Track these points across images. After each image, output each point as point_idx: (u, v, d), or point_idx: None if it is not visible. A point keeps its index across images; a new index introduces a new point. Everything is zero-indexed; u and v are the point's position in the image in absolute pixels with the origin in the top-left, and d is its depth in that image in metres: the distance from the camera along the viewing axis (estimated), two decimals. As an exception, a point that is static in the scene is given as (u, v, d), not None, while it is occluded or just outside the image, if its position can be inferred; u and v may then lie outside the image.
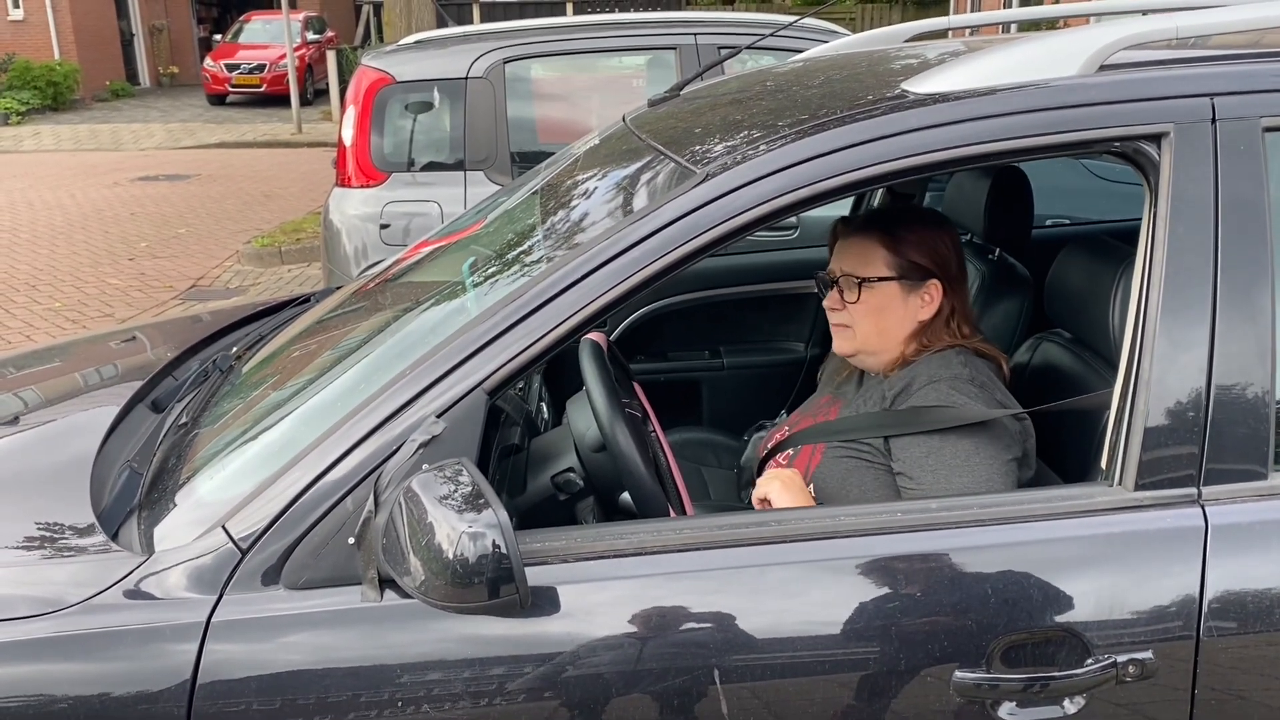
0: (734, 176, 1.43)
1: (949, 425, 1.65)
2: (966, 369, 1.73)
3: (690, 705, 1.35)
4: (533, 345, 1.40)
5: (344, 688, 1.32)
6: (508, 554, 1.24)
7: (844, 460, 1.76)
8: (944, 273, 1.80)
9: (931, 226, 1.84)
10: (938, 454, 1.65)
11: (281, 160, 12.98)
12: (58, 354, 2.55)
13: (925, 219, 1.89)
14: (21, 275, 7.49)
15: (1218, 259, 1.40)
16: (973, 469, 1.63)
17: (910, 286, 1.79)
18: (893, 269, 1.79)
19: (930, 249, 1.80)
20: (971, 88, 1.48)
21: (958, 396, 1.68)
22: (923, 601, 1.37)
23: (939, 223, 1.88)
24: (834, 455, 1.77)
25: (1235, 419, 1.40)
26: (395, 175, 4.51)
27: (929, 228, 1.83)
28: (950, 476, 1.63)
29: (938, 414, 1.67)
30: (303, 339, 2.09)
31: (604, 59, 5.10)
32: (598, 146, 2.18)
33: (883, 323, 1.80)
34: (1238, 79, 1.46)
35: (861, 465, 1.74)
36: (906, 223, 1.84)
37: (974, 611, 1.36)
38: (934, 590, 1.38)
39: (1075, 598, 1.37)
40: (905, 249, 1.79)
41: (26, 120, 16.71)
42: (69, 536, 1.53)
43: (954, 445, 1.65)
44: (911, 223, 1.85)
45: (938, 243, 1.81)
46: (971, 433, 1.64)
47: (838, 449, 1.78)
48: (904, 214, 1.95)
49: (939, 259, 1.80)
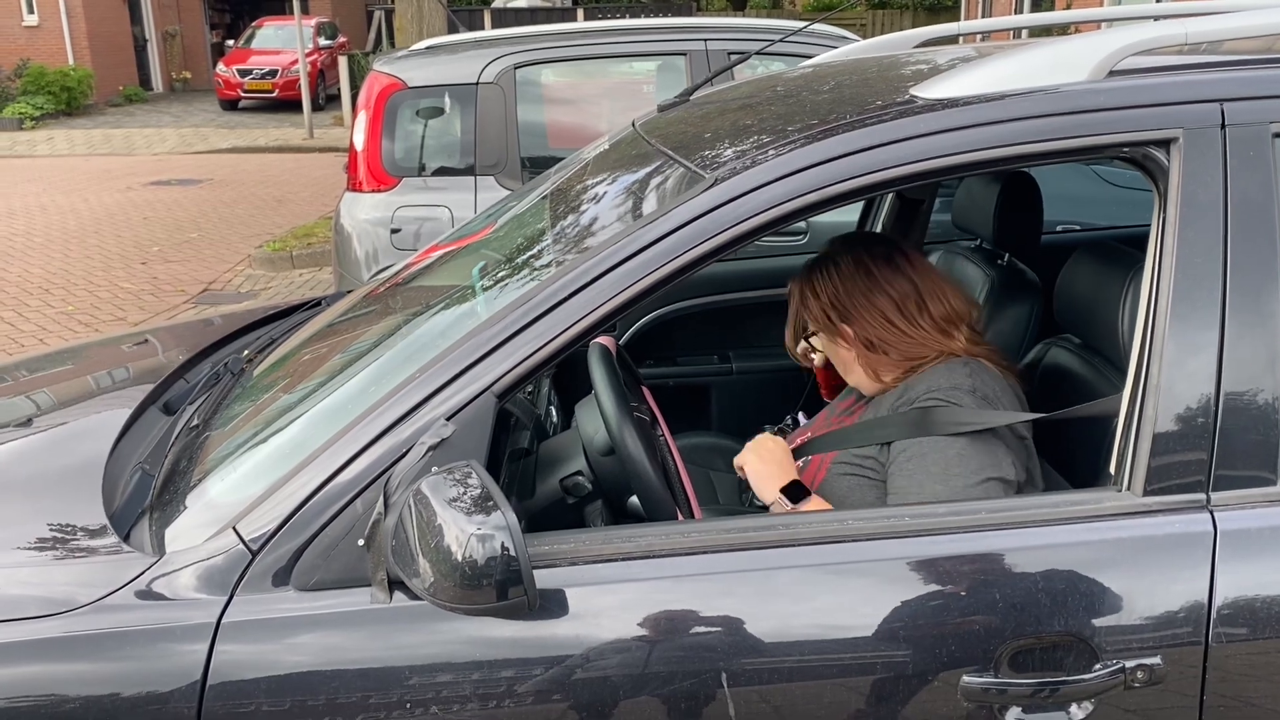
0: (743, 181, 1.44)
1: (950, 431, 1.64)
2: (970, 379, 1.71)
3: (698, 708, 1.35)
4: (542, 349, 1.40)
5: (353, 689, 1.33)
6: (516, 556, 1.24)
7: (846, 478, 1.75)
8: (845, 312, 1.81)
9: (832, 271, 1.83)
10: (919, 459, 1.65)
11: (293, 165, 13.03)
12: (71, 357, 2.57)
13: (826, 265, 1.86)
14: (35, 279, 7.53)
15: (1227, 264, 1.40)
16: (949, 479, 1.61)
17: (830, 334, 1.86)
18: (813, 323, 1.89)
19: (826, 295, 1.83)
20: (981, 93, 1.48)
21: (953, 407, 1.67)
22: (931, 606, 1.37)
23: (843, 262, 1.84)
24: (837, 473, 1.77)
25: (1245, 424, 1.39)
26: (406, 180, 4.53)
27: (828, 275, 1.83)
28: (925, 482, 1.62)
29: (939, 417, 1.67)
30: (313, 342, 2.10)
31: (614, 64, 5.12)
32: (608, 151, 2.19)
33: (840, 363, 1.89)
34: (1248, 84, 1.46)
35: (864, 483, 1.73)
36: (808, 275, 1.87)
37: (982, 616, 1.36)
38: (942, 594, 1.37)
39: (1084, 603, 1.36)
40: (807, 304, 1.87)
41: (40, 125, 16.81)
42: (81, 537, 1.54)
43: (939, 453, 1.63)
44: (811, 274, 1.87)
45: (838, 287, 1.82)
46: (957, 444, 1.63)
47: (842, 466, 1.77)
48: (812, 267, 1.89)
49: (839, 301, 1.81)
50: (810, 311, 1.87)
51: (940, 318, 1.79)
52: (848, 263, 1.84)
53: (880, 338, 1.79)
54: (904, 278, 1.81)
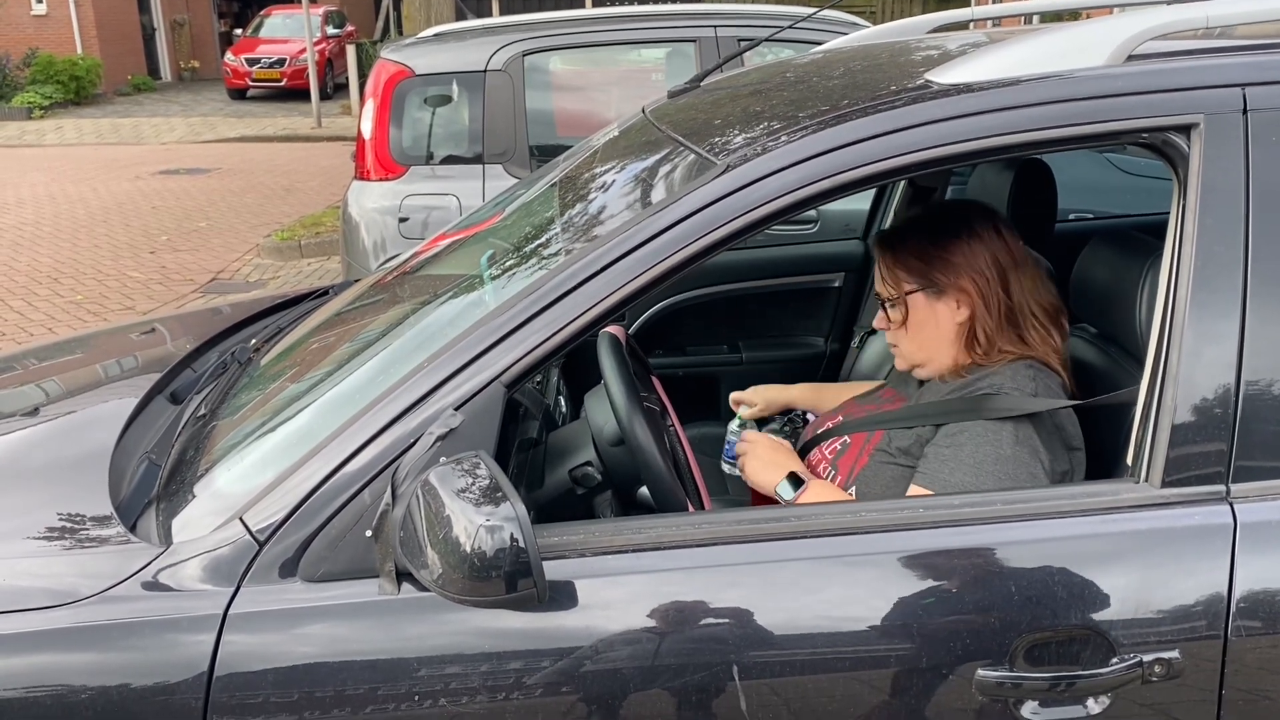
0: (755, 168, 1.42)
1: (999, 415, 1.60)
2: (1033, 384, 1.66)
3: (708, 701, 1.34)
4: (551, 338, 1.39)
5: (361, 680, 1.32)
6: (525, 547, 1.23)
7: (889, 468, 1.71)
8: (973, 275, 1.73)
9: (957, 230, 1.76)
10: (956, 446, 1.62)
11: (301, 154, 13.03)
12: (79, 346, 2.56)
13: (950, 222, 1.79)
14: (44, 268, 7.55)
15: (1248, 252, 1.38)
16: (979, 473, 1.58)
17: (935, 294, 1.75)
18: (913, 280, 1.76)
19: (953, 253, 1.74)
20: (996, 78, 1.46)
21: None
22: (945, 598, 1.35)
23: (968, 224, 1.78)
24: (880, 461, 1.72)
25: (1265, 415, 1.37)
26: (414, 168, 4.52)
27: (952, 234, 1.76)
28: (954, 470, 1.59)
29: (993, 404, 1.63)
30: (321, 332, 2.09)
31: (623, 51, 5.10)
32: (617, 138, 2.17)
33: (920, 336, 1.78)
34: (1270, 69, 1.43)
35: (906, 474, 1.68)
36: (929, 230, 1.80)
37: (997, 609, 1.35)
38: (957, 587, 1.36)
39: (1100, 596, 1.35)
40: (924, 258, 1.75)
41: (49, 114, 16.84)
42: (88, 527, 1.54)
43: (974, 445, 1.60)
44: (933, 229, 1.79)
45: (965, 246, 1.74)
46: (998, 443, 1.59)
47: (883, 455, 1.72)
48: (927, 221, 1.84)
49: (965, 262, 1.73)
50: (922, 267, 1.75)
51: (1050, 307, 1.76)
52: (983, 228, 1.76)
53: (985, 319, 1.72)
54: (1033, 268, 1.77)
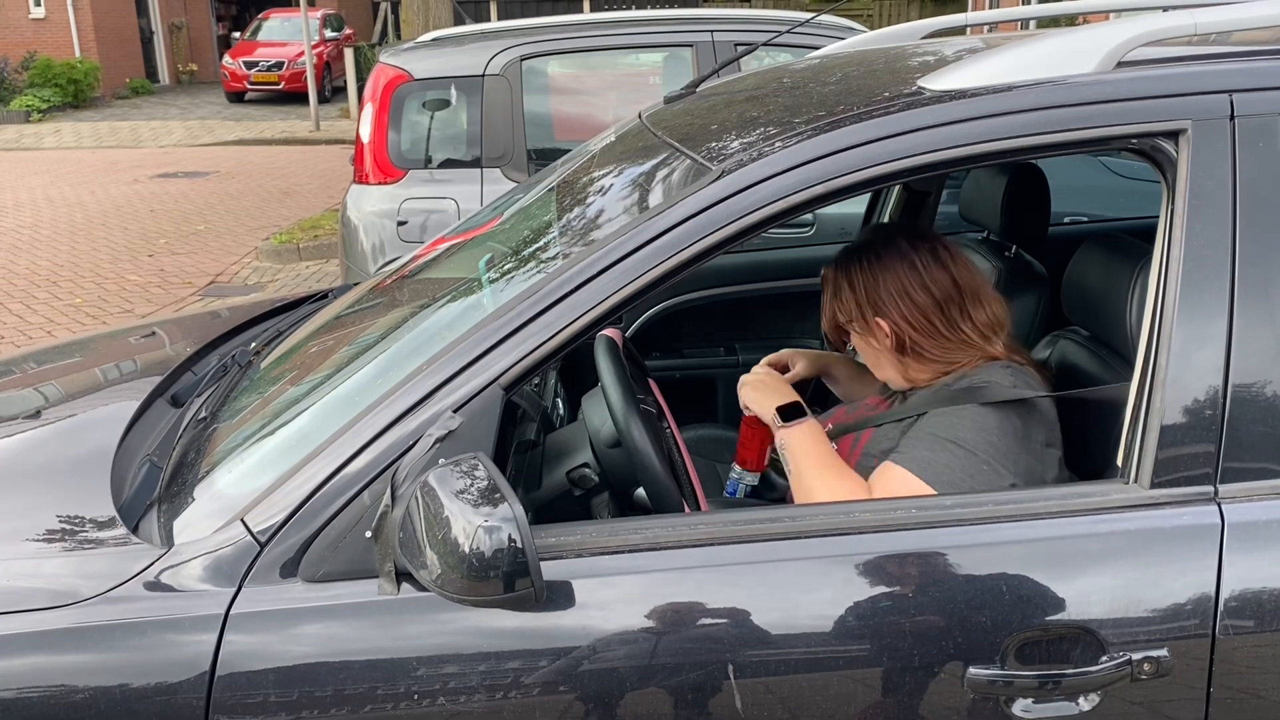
0: (750, 173, 1.44)
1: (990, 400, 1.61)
2: (1012, 379, 1.67)
3: (704, 700, 1.36)
4: (549, 341, 1.40)
5: (361, 680, 1.33)
6: (523, 548, 1.24)
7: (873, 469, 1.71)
8: (883, 306, 1.72)
9: (873, 261, 1.75)
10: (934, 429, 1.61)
11: (299, 157, 13.04)
12: (78, 349, 2.58)
13: (866, 254, 1.77)
14: (43, 271, 7.56)
15: (1235, 256, 1.39)
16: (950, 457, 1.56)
17: (862, 327, 1.78)
18: (839, 315, 1.81)
19: (862, 286, 1.75)
20: (989, 84, 1.47)
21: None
22: (937, 598, 1.37)
23: (885, 252, 1.75)
24: (867, 465, 1.72)
25: (1253, 416, 1.39)
26: (413, 172, 4.53)
27: (867, 266, 1.75)
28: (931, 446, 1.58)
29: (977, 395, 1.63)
30: (320, 335, 2.11)
31: (620, 56, 5.11)
32: (614, 143, 2.18)
33: (872, 359, 1.83)
34: (1257, 75, 1.45)
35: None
36: (844, 264, 1.79)
37: (989, 608, 1.36)
38: (949, 587, 1.37)
39: (1090, 595, 1.36)
40: (840, 294, 1.79)
41: (48, 117, 16.85)
42: (90, 529, 1.55)
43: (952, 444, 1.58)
44: (849, 262, 1.79)
45: (876, 279, 1.73)
46: (975, 444, 1.58)
47: (871, 459, 1.72)
48: (849, 255, 1.81)
49: (876, 295, 1.73)
50: (842, 303, 1.79)
51: (983, 324, 1.72)
52: (890, 254, 1.74)
53: (914, 340, 1.71)
54: (948, 276, 1.72)
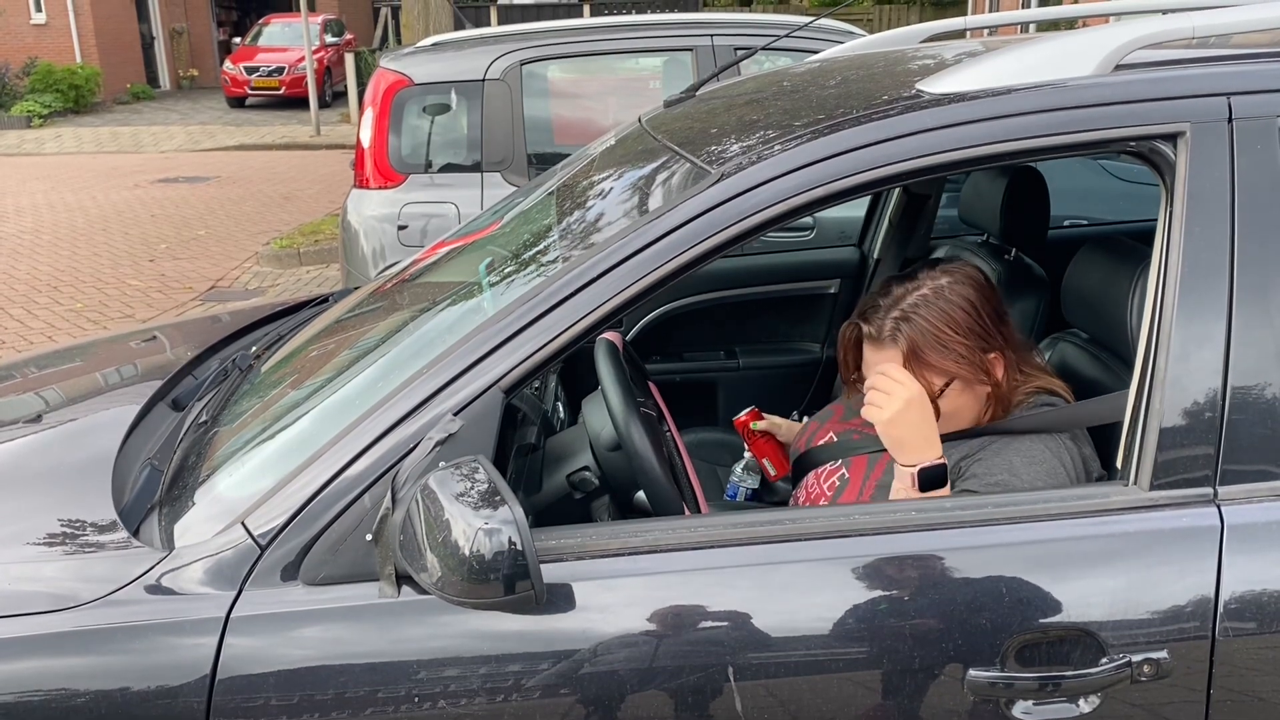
0: (749, 176, 1.44)
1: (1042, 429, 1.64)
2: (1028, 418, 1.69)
3: (705, 702, 1.36)
4: (549, 344, 1.41)
5: (361, 683, 1.33)
6: (523, 550, 1.25)
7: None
8: (956, 367, 1.65)
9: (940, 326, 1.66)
10: (1010, 462, 1.63)
11: (300, 162, 13.05)
12: (79, 354, 2.58)
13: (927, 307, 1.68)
14: (44, 276, 7.56)
15: (1234, 258, 1.40)
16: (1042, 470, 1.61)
17: (971, 371, 1.67)
18: (936, 382, 1.66)
19: (941, 357, 1.65)
20: (987, 87, 1.48)
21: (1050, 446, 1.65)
22: (937, 600, 1.37)
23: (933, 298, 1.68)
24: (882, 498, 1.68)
25: (1252, 418, 1.39)
26: (413, 177, 4.53)
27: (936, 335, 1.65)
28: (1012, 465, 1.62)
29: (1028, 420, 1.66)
30: (321, 338, 2.11)
31: (620, 61, 5.11)
32: (614, 147, 2.19)
33: (954, 405, 1.69)
34: (1255, 78, 1.46)
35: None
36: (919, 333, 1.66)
37: (989, 610, 1.36)
38: (949, 589, 1.38)
39: (1090, 597, 1.37)
40: (938, 353, 1.65)
41: (48, 123, 16.86)
42: (91, 533, 1.55)
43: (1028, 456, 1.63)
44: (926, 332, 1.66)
45: (943, 345, 1.65)
46: (1056, 449, 1.63)
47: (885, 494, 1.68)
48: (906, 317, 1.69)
49: (948, 361, 1.65)
50: (948, 361, 1.64)
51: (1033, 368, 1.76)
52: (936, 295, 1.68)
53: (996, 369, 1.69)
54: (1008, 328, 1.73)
